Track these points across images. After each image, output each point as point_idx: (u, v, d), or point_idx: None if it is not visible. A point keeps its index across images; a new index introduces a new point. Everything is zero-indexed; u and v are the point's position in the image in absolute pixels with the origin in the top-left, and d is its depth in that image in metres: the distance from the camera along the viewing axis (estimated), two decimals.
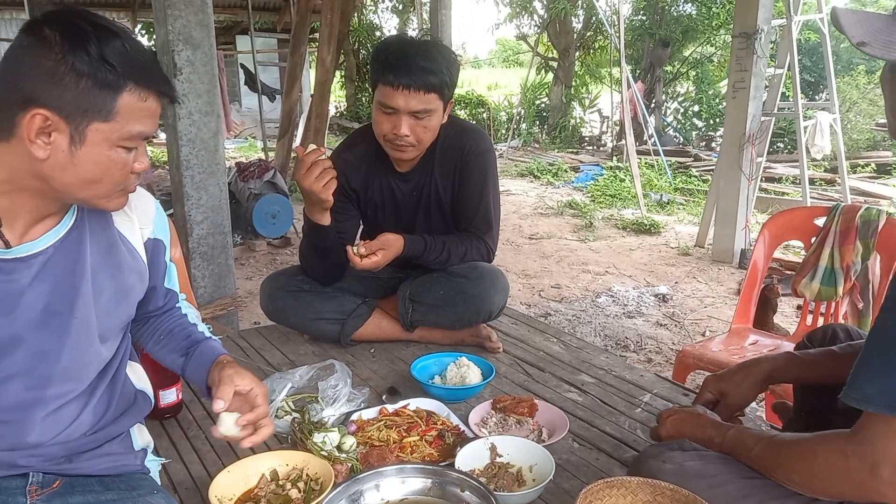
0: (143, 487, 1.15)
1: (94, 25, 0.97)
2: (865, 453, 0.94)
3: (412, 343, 2.16)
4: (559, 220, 7.04)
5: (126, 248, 1.16)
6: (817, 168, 8.85)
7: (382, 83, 1.87)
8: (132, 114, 0.99)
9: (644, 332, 3.93)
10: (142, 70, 0.99)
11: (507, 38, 30.06)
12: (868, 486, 0.94)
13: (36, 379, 1.06)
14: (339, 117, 15.84)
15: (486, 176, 2.09)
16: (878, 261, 2.33)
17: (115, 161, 1.01)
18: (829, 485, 1.00)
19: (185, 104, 3.14)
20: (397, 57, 1.85)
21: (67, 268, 1.07)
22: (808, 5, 8.50)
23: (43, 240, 1.05)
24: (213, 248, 3.35)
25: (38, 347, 1.05)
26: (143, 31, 14.51)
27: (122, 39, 0.98)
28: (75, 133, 0.96)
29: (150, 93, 1.01)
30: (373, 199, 2.12)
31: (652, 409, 1.75)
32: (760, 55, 4.99)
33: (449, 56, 1.92)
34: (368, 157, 2.09)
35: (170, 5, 3.02)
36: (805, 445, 1.04)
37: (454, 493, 1.26)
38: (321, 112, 7.97)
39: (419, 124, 1.91)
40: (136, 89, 0.98)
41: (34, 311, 1.04)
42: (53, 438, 1.08)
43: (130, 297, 1.17)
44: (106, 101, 0.96)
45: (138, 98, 0.99)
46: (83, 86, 0.94)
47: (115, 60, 0.96)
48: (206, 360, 1.25)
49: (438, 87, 1.88)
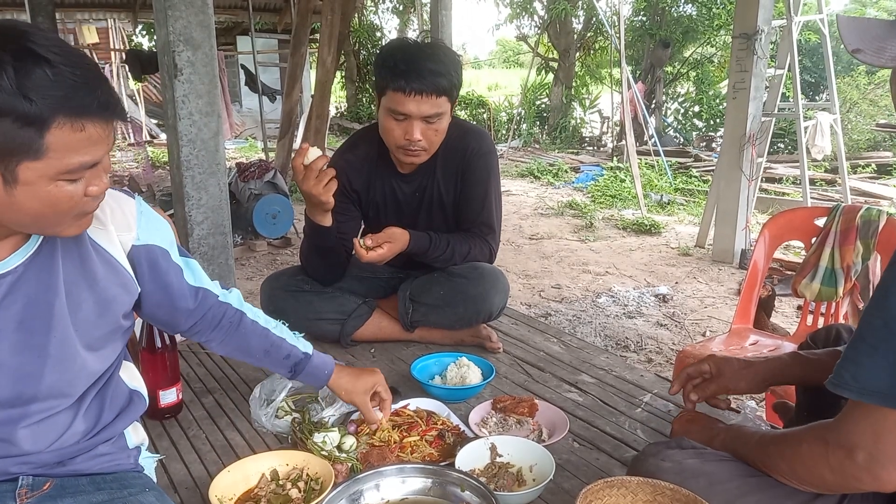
0: (136, 486, 1.13)
1: (16, 51, 0.85)
2: (841, 440, 0.96)
3: (412, 343, 2.16)
4: (559, 221, 7.04)
5: (102, 259, 1.10)
6: (818, 168, 8.85)
7: (392, 90, 1.84)
8: (67, 147, 0.89)
9: (644, 332, 3.93)
10: (71, 99, 0.88)
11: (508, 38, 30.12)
12: (845, 471, 0.96)
13: (19, 399, 1.03)
14: (339, 118, 15.85)
15: (488, 178, 2.09)
16: (878, 261, 2.33)
17: (59, 195, 0.92)
18: (811, 473, 1.01)
19: (185, 105, 3.14)
20: (406, 62, 1.82)
21: (41, 285, 1.02)
22: (809, 6, 8.51)
23: (11, 259, 1.00)
24: (213, 248, 3.35)
25: (19, 370, 1.02)
26: (143, 31, 14.55)
27: (47, 65, 0.86)
28: (6, 173, 0.88)
29: (87, 121, 0.90)
30: (374, 200, 2.12)
31: (652, 409, 1.75)
32: (761, 56, 4.99)
33: (454, 57, 1.92)
34: (371, 158, 2.08)
35: (170, 6, 3.02)
36: (791, 436, 1.06)
37: (454, 492, 1.26)
38: (321, 112, 7.97)
39: (430, 128, 1.90)
40: (66, 121, 0.88)
41: (7, 332, 1.00)
42: (48, 447, 1.07)
43: (112, 307, 1.11)
44: (32, 139, 0.87)
45: (71, 130, 0.89)
46: (3, 126, 0.85)
47: (37, 93, 0.85)
48: (320, 378, 1.45)
49: (448, 89, 1.86)
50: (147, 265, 1.17)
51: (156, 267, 1.18)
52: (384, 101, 1.89)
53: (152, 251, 1.17)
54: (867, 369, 0.92)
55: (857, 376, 0.93)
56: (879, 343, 0.91)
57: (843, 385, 0.95)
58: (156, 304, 1.22)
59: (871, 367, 0.92)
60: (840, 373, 0.96)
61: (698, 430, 1.27)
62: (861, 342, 0.94)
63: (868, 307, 0.96)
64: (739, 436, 1.17)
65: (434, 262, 2.06)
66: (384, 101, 1.89)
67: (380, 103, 1.92)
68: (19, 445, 1.04)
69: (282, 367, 1.43)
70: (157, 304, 1.23)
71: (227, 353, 1.40)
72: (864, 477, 0.94)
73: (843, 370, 0.95)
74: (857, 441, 0.94)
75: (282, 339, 1.42)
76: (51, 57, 0.87)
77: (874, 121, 10.77)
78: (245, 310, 1.39)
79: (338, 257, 2.04)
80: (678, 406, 1.76)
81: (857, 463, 0.94)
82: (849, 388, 0.94)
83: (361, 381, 1.47)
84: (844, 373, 0.95)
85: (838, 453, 0.96)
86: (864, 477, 0.94)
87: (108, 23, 12.81)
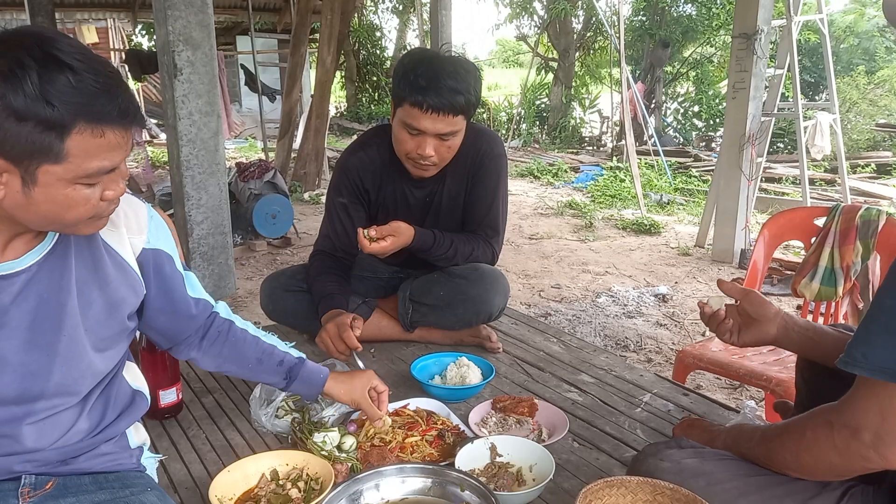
0: (137, 485, 1.14)
1: (41, 57, 0.87)
2: (847, 420, 0.96)
3: (412, 343, 2.17)
4: (559, 221, 7.04)
5: (114, 261, 1.12)
6: (817, 168, 8.85)
7: (409, 103, 1.80)
8: (86, 153, 0.91)
9: (644, 332, 3.93)
10: (92, 105, 0.90)
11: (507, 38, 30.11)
12: (852, 451, 0.96)
13: (25, 396, 1.04)
14: (339, 117, 15.85)
15: (498, 180, 2.08)
16: (878, 261, 2.33)
17: (76, 198, 0.95)
18: (817, 458, 1.02)
19: (185, 104, 3.14)
20: (426, 78, 1.77)
21: (53, 284, 1.04)
22: (808, 6, 8.51)
23: (26, 258, 1.02)
24: (213, 248, 3.35)
25: (27, 368, 1.03)
26: (143, 31, 14.54)
27: (70, 72, 0.88)
28: (26, 175, 0.90)
29: (106, 127, 0.92)
30: (384, 203, 2.09)
31: (651, 408, 1.75)
32: (760, 55, 4.99)
33: (475, 73, 1.87)
34: (383, 161, 2.04)
35: (170, 6, 3.02)
36: (794, 424, 1.07)
37: (454, 492, 1.26)
38: (321, 112, 7.98)
39: (443, 145, 1.88)
40: (87, 127, 0.90)
41: (19, 329, 1.01)
42: (51, 445, 1.08)
43: (121, 309, 1.13)
44: (52, 143, 0.89)
45: (91, 136, 0.91)
46: (25, 129, 0.87)
47: (59, 99, 0.87)
48: (316, 383, 1.43)
49: (465, 108, 1.83)
50: (153, 269, 1.19)
51: (161, 271, 1.21)
52: (400, 113, 1.85)
53: (160, 255, 1.20)
54: (879, 348, 0.93)
55: (868, 354, 0.94)
56: (892, 322, 0.92)
57: (853, 363, 0.96)
58: (158, 309, 1.23)
59: (883, 345, 0.93)
60: (851, 352, 0.97)
61: (698, 434, 1.27)
62: (872, 322, 0.95)
63: (881, 289, 0.97)
64: (741, 434, 1.17)
65: (436, 260, 2.06)
66: (400, 112, 1.85)
67: (395, 111, 1.89)
68: (23, 442, 1.05)
69: (276, 374, 1.40)
70: (160, 309, 1.24)
71: (218, 364, 1.37)
72: (871, 456, 0.95)
73: (854, 349, 0.96)
74: (862, 420, 0.95)
75: (273, 346, 1.41)
76: (74, 64, 0.89)
77: (874, 121, 10.77)
78: (233, 319, 1.39)
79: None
80: (678, 406, 1.76)
81: (863, 442, 0.95)
82: (860, 366, 0.95)
83: (358, 379, 1.48)
84: (855, 351, 0.96)
85: (844, 433, 0.97)
86: (872, 455, 0.95)
87: (108, 22, 12.81)
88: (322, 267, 2.06)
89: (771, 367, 2.15)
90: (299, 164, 8.07)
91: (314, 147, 8.05)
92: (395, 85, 1.86)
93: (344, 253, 2.08)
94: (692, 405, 1.76)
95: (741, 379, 2.19)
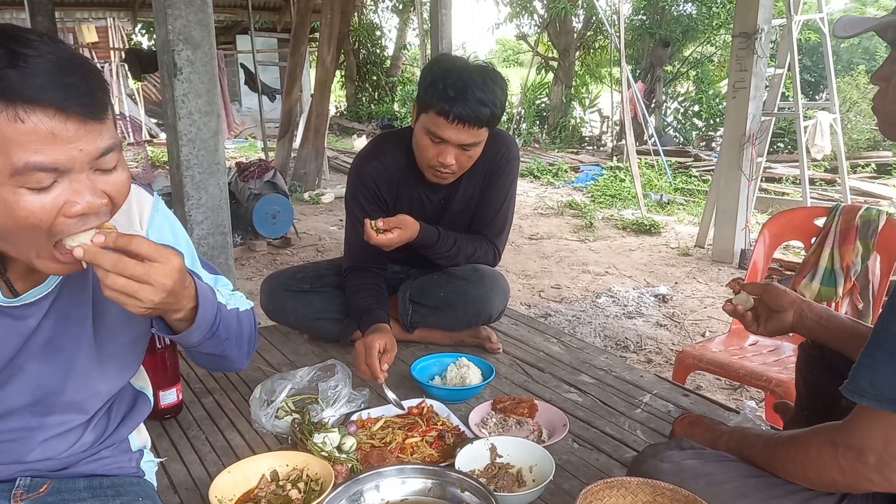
0: (130, 493, 1.12)
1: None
2: (852, 442, 0.97)
3: (412, 343, 2.17)
4: (559, 221, 7.04)
5: None
6: (817, 168, 8.85)
7: (436, 112, 1.79)
8: (11, 141, 0.75)
9: (644, 332, 3.93)
10: (16, 80, 0.74)
11: (508, 37, 30.01)
12: (857, 473, 0.97)
13: (38, 408, 1.02)
14: (339, 117, 15.86)
15: (512, 183, 2.09)
16: (878, 261, 2.33)
17: (17, 204, 0.78)
18: (821, 475, 1.02)
19: (185, 104, 3.14)
20: (456, 89, 1.76)
21: (72, 300, 1.01)
22: (809, 5, 8.50)
23: (48, 282, 0.98)
24: (213, 248, 3.35)
25: (40, 380, 1.01)
26: (143, 30, 14.55)
27: (10, 55, 0.75)
28: None
29: (35, 108, 0.75)
30: (401, 209, 2.06)
31: (651, 409, 1.75)
32: (760, 55, 4.99)
33: (503, 85, 1.86)
34: (399, 168, 2.03)
35: (170, 5, 3.02)
36: (800, 438, 1.07)
37: (454, 493, 1.26)
38: (321, 112, 7.98)
39: (465, 155, 1.87)
40: (7, 107, 0.75)
41: (38, 345, 0.99)
42: (56, 457, 1.07)
43: (133, 315, 1.06)
44: None
45: (14, 118, 0.75)
46: None
47: None
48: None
49: (491, 120, 1.83)
50: None
51: None
52: (424, 119, 1.84)
53: None
54: (885, 376, 0.92)
55: (875, 383, 0.93)
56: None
57: (860, 392, 0.95)
58: None
59: (889, 373, 0.92)
60: (856, 379, 0.96)
61: (701, 433, 1.27)
62: (878, 348, 0.94)
63: (883, 313, 0.96)
64: (744, 438, 1.17)
65: (439, 258, 2.05)
66: (424, 118, 1.83)
67: (418, 116, 1.87)
68: (30, 455, 1.04)
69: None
70: None
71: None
72: (875, 478, 0.95)
73: (860, 377, 0.95)
74: (867, 444, 0.95)
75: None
76: (25, 51, 0.76)
77: (874, 120, 10.71)
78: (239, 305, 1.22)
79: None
80: (678, 406, 1.76)
81: (867, 465, 0.95)
82: (866, 396, 0.94)
83: None
84: (861, 379, 0.95)
85: (848, 455, 0.97)
86: (875, 478, 0.95)
87: (108, 22, 12.80)
88: (355, 285, 2.05)
89: (771, 368, 2.15)
90: (299, 163, 8.08)
91: (314, 147, 8.05)
92: (421, 91, 1.84)
93: (372, 262, 2.08)
94: (692, 406, 1.76)
95: (741, 379, 2.19)
